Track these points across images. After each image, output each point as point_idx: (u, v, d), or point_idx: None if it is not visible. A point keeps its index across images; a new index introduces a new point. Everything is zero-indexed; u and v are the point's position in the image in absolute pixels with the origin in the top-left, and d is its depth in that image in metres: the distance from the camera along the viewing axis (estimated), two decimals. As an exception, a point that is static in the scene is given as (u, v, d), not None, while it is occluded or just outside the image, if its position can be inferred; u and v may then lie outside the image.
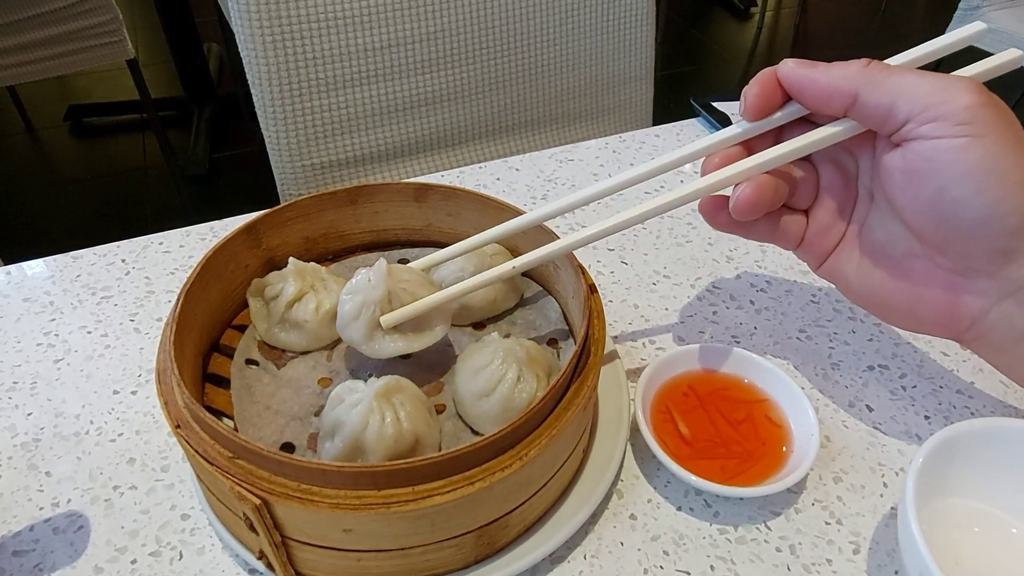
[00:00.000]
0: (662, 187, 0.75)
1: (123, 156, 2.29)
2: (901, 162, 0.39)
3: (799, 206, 0.46)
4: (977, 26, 0.40)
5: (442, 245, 0.58)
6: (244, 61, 0.84)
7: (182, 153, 2.25)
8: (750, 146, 0.44)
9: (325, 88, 0.88)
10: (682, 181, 0.77)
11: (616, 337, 0.59)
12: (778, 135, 0.44)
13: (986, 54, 0.40)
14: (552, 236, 0.49)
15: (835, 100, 0.40)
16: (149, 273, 0.65)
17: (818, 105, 0.41)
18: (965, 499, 0.44)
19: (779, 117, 0.43)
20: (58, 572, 0.43)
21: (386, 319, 0.45)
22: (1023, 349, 0.41)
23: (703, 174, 0.45)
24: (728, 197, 0.44)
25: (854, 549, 0.45)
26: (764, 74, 0.42)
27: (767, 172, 0.43)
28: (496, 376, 0.44)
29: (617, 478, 0.48)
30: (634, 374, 0.55)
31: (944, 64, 0.43)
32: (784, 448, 0.48)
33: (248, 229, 0.50)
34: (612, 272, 0.66)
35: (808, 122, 0.43)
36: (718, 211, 0.46)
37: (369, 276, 0.45)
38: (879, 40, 3.07)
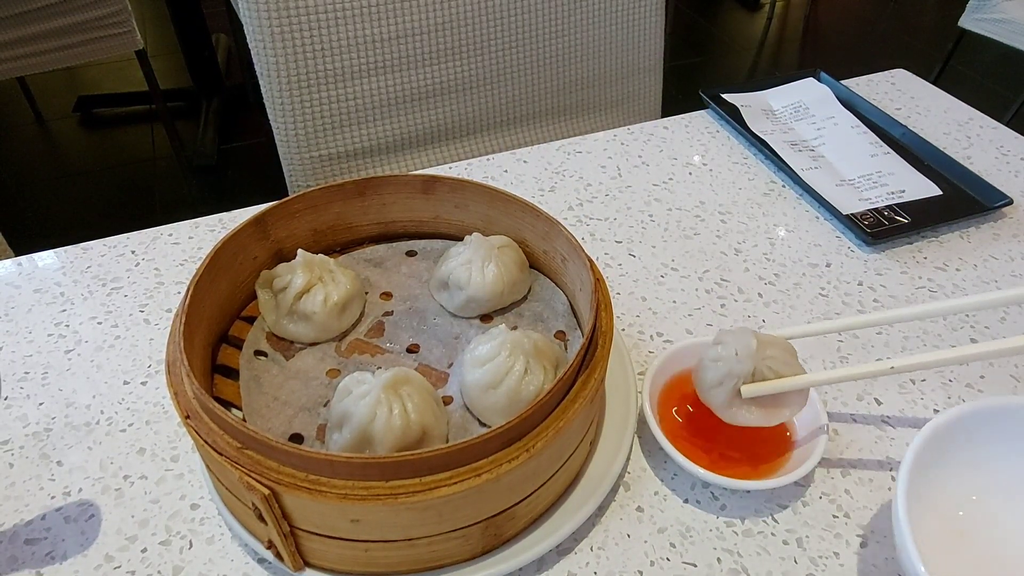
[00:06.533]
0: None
1: (132, 147, 2.29)
2: None
3: None
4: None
5: (450, 237, 0.58)
6: (252, 52, 0.84)
7: (190, 144, 2.25)
8: None
9: (333, 79, 0.88)
10: (691, 173, 0.77)
11: (624, 330, 0.59)
12: None
13: (1003, 46, 0.38)
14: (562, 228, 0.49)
15: None
16: (159, 264, 0.65)
17: None
18: (959, 488, 0.44)
19: None
20: (69, 560, 0.44)
21: (747, 390, 0.45)
22: None
23: None
24: None
25: (861, 542, 0.45)
26: None
27: None
28: (503, 368, 0.44)
29: (624, 470, 0.48)
30: (642, 367, 0.55)
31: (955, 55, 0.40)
32: (792, 441, 0.48)
33: (256, 221, 0.50)
34: (620, 264, 0.66)
35: None
36: None
37: (736, 350, 0.45)
38: (891, 31, 3.04)
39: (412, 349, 0.50)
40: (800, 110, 0.86)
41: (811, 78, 0.91)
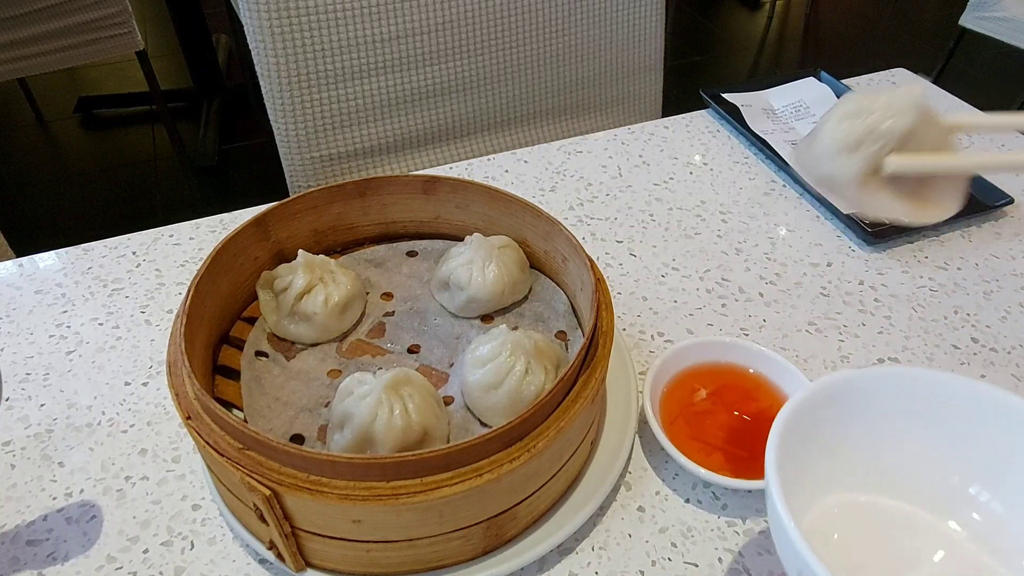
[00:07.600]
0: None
1: (133, 148, 2.30)
2: None
3: None
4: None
5: (451, 237, 0.58)
6: (253, 52, 0.84)
7: (191, 144, 2.26)
8: None
9: (334, 79, 0.88)
10: (691, 172, 0.77)
11: (625, 329, 0.59)
12: None
13: (1004, 45, 0.37)
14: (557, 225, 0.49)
15: None
16: (159, 265, 0.65)
17: None
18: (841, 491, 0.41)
19: None
20: (71, 561, 0.44)
21: (895, 161, 0.33)
22: None
23: None
24: None
25: (862, 542, 0.45)
26: None
27: None
28: (504, 368, 0.44)
29: (625, 470, 0.48)
30: (643, 366, 0.55)
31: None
32: (793, 441, 0.48)
33: (257, 222, 0.50)
34: (621, 264, 0.66)
35: None
36: None
37: (890, 100, 0.34)
38: (892, 30, 3.04)
39: (413, 349, 0.50)
40: (801, 109, 0.86)
41: (812, 77, 0.91)
